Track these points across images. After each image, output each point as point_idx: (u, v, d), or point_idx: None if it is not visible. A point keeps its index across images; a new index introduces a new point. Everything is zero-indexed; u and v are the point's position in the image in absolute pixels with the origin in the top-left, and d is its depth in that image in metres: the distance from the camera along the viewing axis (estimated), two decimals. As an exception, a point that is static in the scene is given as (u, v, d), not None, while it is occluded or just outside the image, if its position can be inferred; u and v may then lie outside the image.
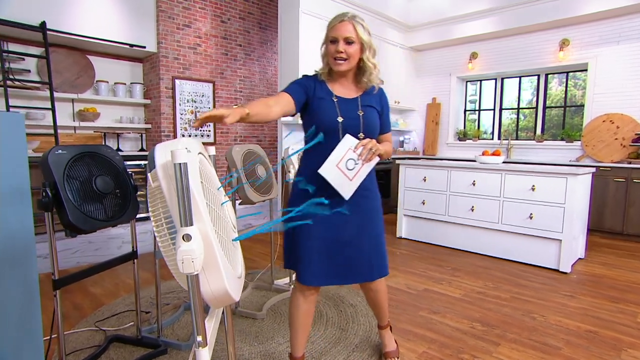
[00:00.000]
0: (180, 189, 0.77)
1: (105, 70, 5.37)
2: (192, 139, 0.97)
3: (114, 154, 2.02)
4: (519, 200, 3.53)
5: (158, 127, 5.54)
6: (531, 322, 2.42)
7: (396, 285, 3.04)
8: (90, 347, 2.12)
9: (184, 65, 5.66)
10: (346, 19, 1.53)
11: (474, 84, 6.57)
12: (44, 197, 1.63)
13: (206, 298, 0.87)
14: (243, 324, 2.39)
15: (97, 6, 4.88)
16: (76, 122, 5.08)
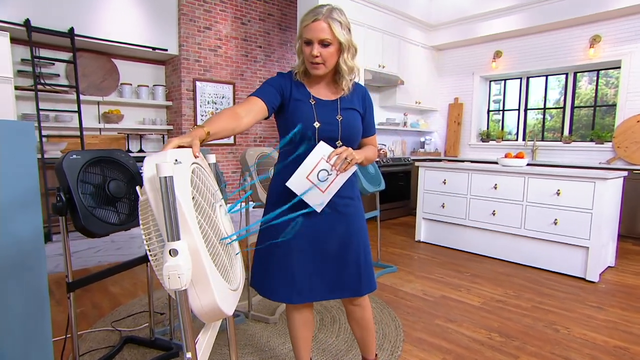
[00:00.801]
0: (166, 203, 0.75)
1: (129, 73, 5.49)
2: (184, 149, 0.95)
3: (128, 159, 2.03)
4: (543, 205, 3.39)
5: (179, 128, 5.62)
6: (554, 335, 2.31)
7: (412, 291, 2.97)
8: (105, 347, 2.15)
9: (205, 67, 5.72)
10: (321, 17, 1.32)
11: (498, 84, 6.38)
12: (58, 202, 1.65)
13: (197, 313, 0.85)
14: (256, 328, 2.38)
15: (121, 11, 4.98)
16: (101, 124, 5.21)
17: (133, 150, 5.44)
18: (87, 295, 2.85)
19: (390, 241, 4.50)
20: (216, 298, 0.84)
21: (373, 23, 5.41)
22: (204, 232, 0.88)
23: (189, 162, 0.94)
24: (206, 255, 0.84)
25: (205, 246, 0.86)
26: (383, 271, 3.38)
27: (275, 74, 1.55)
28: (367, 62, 5.37)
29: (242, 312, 2.50)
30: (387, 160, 5.59)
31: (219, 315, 0.87)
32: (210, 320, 0.89)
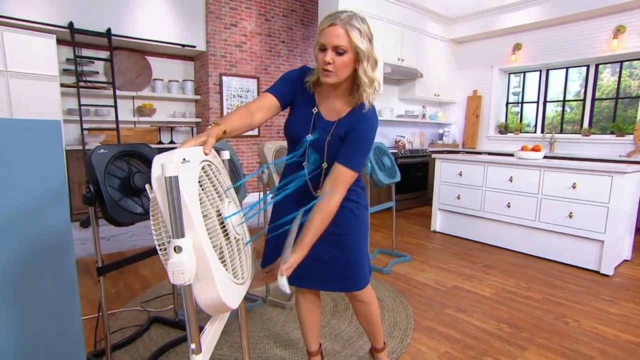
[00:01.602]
0: (170, 202, 0.75)
1: (161, 69, 5.58)
2: (194, 148, 0.95)
3: (151, 152, 2.06)
4: (558, 198, 3.26)
5: (207, 121, 5.68)
6: (563, 328, 2.23)
7: (425, 281, 2.93)
8: (135, 325, 2.23)
9: (231, 62, 5.74)
10: (338, 22, 1.18)
11: (518, 76, 6.13)
12: (87, 193, 1.70)
13: (202, 306, 0.86)
14: (272, 313, 2.40)
15: (153, 11, 5.05)
16: (136, 117, 5.33)
17: (164, 141, 5.55)
18: (122, 276, 2.95)
19: (407, 230, 4.45)
20: (220, 293, 0.84)
21: (392, 17, 5.28)
22: (210, 229, 0.88)
23: (199, 160, 0.94)
24: (211, 252, 0.85)
25: (211, 242, 0.87)
26: (397, 260, 3.35)
27: (297, 67, 1.46)
28: (386, 55, 5.26)
29: (259, 297, 2.53)
30: (404, 151, 5.50)
31: (223, 309, 0.88)
32: (215, 313, 0.90)
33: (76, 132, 4.77)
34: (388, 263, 3.25)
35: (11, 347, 1.14)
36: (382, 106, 5.83)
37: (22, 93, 4.11)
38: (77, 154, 4.52)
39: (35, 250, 1.22)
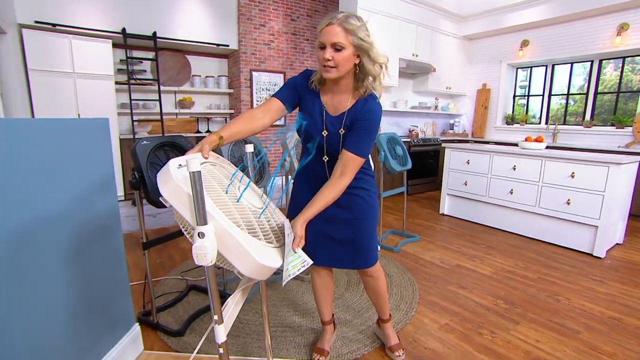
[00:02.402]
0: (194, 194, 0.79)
1: (199, 66, 5.64)
2: (193, 154, 1.00)
3: (187, 142, 2.12)
4: (557, 186, 3.16)
5: (239, 112, 5.74)
6: (554, 304, 2.20)
7: (431, 259, 2.92)
8: (175, 292, 2.34)
9: (260, 59, 5.73)
10: (335, 21, 1.17)
11: (525, 70, 5.86)
12: (133, 179, 1.78)
13: (247, 274, 0.86)
14: (292, 285, 2.46)
15: (192, 15, 5.08)
16: (177, 109, 5.45)
17: (202, 130, 5.65)
18: (165, 249, 3.09)
19: (417, 213, 4.42)
20: (257, 259, 0.85)
21: (407, 16, 5.12)
22: (228, 212, 0.91)
23: (198, 163, 0.97)
24: (235, 230, 0.85)
25: (233, 222, 0.89)
26: (407, 240, 3.35)
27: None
28: (401, 51, 5.13)
29: (281, 271, 2.60)
30: (417, 140, 5.41)
31: (269, 270, 0.89)
32: (264, 277, 0.91)
33: (128, 123, 4.93)
34: (398, 243, 3.25)
35: (76, 307, 1.24)
36: (397, 98, 5.72)
37: (85, 91, 4.28)
38: (129, 143, 4.69)
39: (90, 229, 1.30)
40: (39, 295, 1.07)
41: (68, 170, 1.20)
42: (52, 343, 1.12)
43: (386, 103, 5.61)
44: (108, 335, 1.40)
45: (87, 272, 1.30)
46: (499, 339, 1.86)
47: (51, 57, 4.04)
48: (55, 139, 1.15)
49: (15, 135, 1.00)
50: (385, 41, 4.90)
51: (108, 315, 1.41)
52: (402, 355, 1.69)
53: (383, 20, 4.84)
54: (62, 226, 1.17)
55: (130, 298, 1.59)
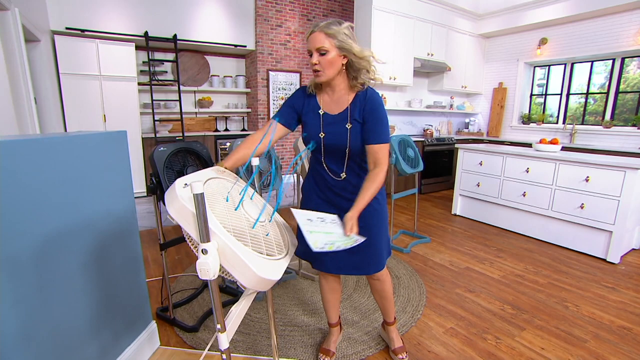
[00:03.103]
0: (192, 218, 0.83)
1: (217, 66, 5.73)
2: (197, 173, 1.04)
3: (202, 148, 2.17)
4: (571, 189, 3.07)
5: (256, 111, 5.81)
6: (562, 311, 2.16)
7: (440, 261, 2.91)
8: (191, 288, 2.42)
9: (276, 59, 5.77)
10: (316, 29, 1.26)
11: (543, 68, 5.67)
12: (151, 184, 1.85)
13: (248, 287, 0.90)
14: (303, 284, 2.51)
15: (211, 17, 5.16)
16: (196, 108, 5.56)
17: (220, 129, 5.76)
18: (183, 246, 3.17)
19: (429, 213, 4.39)
20: (256, 272, 0.88)
21: (423, 15, 5.03)
22: (231, 227, 0.95)
23: (203, 180, 1.01)
24: (236, 246, 0.90)
25: (235, 238, 0.93)
26: (417, 241, 3.33)
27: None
28: (416, 51, 5.06)
29: (293, 270, 2.65)
30: (432, 140, 5.34)
31: (268, 283, 0.92)
32: (265, 288, 0.94)
33: (149, 122, 5.08)
34: (409, 244, 3.25)
35: (97, 307, 1.31)
36: (412, 97, 5.66)
37: (110, 92, 4.43)
38: (150, 141, 4.83)
39: (110, 235, 1.37)
40: (65, 296, 1.14)
41: (91, 180, 1.27)
42: (76, 340, 1.20)
43: (401, 102, 5.56)
44: (127, 333, 1.48)
45: (107, 275, 1.37)
46: (503, 345, 1.85)
47: (80, 61, 4.19)
48: (81, 153, 1.22)
49: (48, 152, 1.07)
50: (400, 40, 4.84)
51: (127, 314, 1.48)
52: (406, 358, 1.71)
53: (398, 20, 4.78)
54: (85, 233, 1.24)
55: (148, 298, 1.66)
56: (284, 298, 2.32)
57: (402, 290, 2.42)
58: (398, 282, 2.52)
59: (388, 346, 1.81)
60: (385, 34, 4.70)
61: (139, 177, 4.70)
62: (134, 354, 1.49)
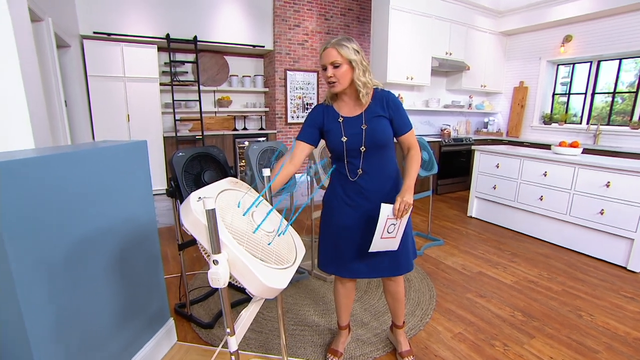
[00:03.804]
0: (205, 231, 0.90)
1: (236, 66, 5.82)
2: (209, 187, 1.10)
3: (219, 153, 2.25)
4: (591, 195, 3.00)
5: (274, 110, 5.89)
6: (575, 320, 2.13)
7: (453, 265, 2.91)
8: (208, 286, 2.52)
9: (294, 59, 5.81)
10: (329, 46, 1.41)
11: (567, 66, 5.48)
12: (170, 188, 1.95)
13: (258, 295, 0.98)
14: (316, 284, 2.58)
15: (230, 18, 5.25)
16: (216, 107, 5.68)
17: (238, 128, 5.87)
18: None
19: (444, 214, 4.36)
20: (264, 282, 0.95)
21: (441, 13, 4.96)
22: (240, 238, 1.01)
23: (215, 194, 1.07)
24: (246, 257, 0.96)
25: (244, 249, 0.99)
26: (431, 244, 3.34)
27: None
28: (434, 50, 5.00)
29: (306, 270, 2.72)
30: (449, 140, 5.28)
31: (274, 292, 0.98)
32: (272, 296, 1.00)
33: (170, 121, 5.23)
34: (422, 246, 3.26)
35: (119, 306, 1.41)
36: (429, 97, 5.60)
37: (134, 92, 4.60)
38: (171, 140, 4.99)
39: (131, 237, 1.47)
40: (91, 295, 1.24)
41: (115, 188, 1.36)
42: (101, 336, 1.30)
43: (418, 102, 5.52)
44: (146, 329, 1.57)
45: (129, 276, 1.47)
46: (511, 352, 1.85)
47: (106, 63, 4.37)
48: (107, 162, 1.31)
49: (79, 163, 1.16)
50: (417, 39, 4.79)
51: (146, 312, 1.58)
52: (412, 361, 1.75)
53: (416, 19, 4.73)
54: (109, 237, 1.34)
55: (166, 297, 1.76)
56: (296, 297, 2.39)
57: (413, 293, 2.45)
58: (409, 285, 2.54)
59: (395, 349, 1.85)
60: (403, 34, 4.67)
61: (161, 175, 4.87)
62: (153, 349, 1.59)
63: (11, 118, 1.55)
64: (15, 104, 1.57)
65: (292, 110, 5.97)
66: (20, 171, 0.99)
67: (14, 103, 1.57)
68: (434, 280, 2.63)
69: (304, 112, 6.11)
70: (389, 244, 1.45)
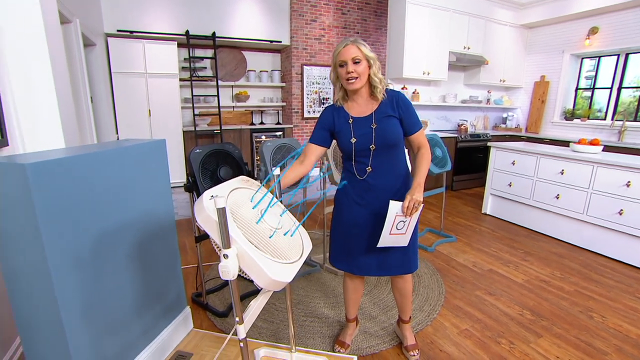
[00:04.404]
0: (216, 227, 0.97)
1: (253, 61, 5.90)
2: (221, 185, 1.17)
3: (234, 149, 2.32)
4: (609, 194, 2.93)
5: (290, 105, 5.95)
6: (586, 321, 2.12)
7: (464, 262, 2.92)
8: (225, 277, 2.64)
9: (311, 54, 5.83)
10: (349, 42, 1.46)
11: (593, 59, 5.29)
12: (187, 183, 2.04)
13: (265, 287, 1.05)
14: (327, 278, 2.65)
15: (247, 14, 5.32)
16: (234, 102, 5.79)
17: (256, 122, 5.96)
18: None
19: (459, 211, 4.34)
20: (270, 275, 1.02)
21: (459, 7, 4.87)
22: (250, 235, 1.08)
23: (227, 192, 1.14)
24: (254, 252, 1.04)
25: (252, 244, 1.06)
26: (443, 240, 3.35)
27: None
28: (452, 45, 4.94)
29: (318, 263, 2.79)
30: (465, 136, 5.21)
31: (279, 284, 1.05)
32: (277, 288, 1.08)
33: (190, 116, 5.38)
34: (434, 242, 3.27)
35: (140, 294, 1.52)
36: (446, 92, 5.53)
37: (155, 88, 4.76)
38: (190, 134, 5.14)
39: (151, 231, 1.57)
40: (115, 284, 1.35)
41: (136, 184, 1.46)
42: (124, 320, 1.41)
43: (434, 97, 5.46)
44: (165, 315, 1.68)
45: (149, 267, 1.57)
46: (516, 350, 1.87)
47: (128, 60, 4.53)
48: (130, 161, 1.41)
49: (104, 162, 1.26)
50: (434, 34, 4.74)
51: (165, 300, 1.69)
52: (417, 355, 1.80)
53: (433, 13, 4.68)
54: (131, 230, 1.44)
55: (183, 287, 1.87)
56: (308, 290, 2.47)
57: (422, 289, 2.48)
58: (418, 281, 2.58)
59: (401, 342, 1.90)
60: (420, 28, 4.63)
61: (180, 168, 5.03)
62: (171, 335, 1.70)
63: (44, 119, 1.68)
64: (47, 106, 1.69)
65: (308, 105, 6.02)
66: (54, 171, 1.09)
67: (46, 104, 1.69)
68: (444, 277, 2.65)
69: (320, 107, 6.15)
70: (398, 240, 1.50)
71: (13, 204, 1.05)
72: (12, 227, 1.08)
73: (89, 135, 3.20)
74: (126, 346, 1.43)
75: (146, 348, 1.55)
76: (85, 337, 1.23)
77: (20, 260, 1.11)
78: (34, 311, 1.15)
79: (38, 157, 1.11)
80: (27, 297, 1.14)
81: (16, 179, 1.02)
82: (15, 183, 1.03)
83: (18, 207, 1.05)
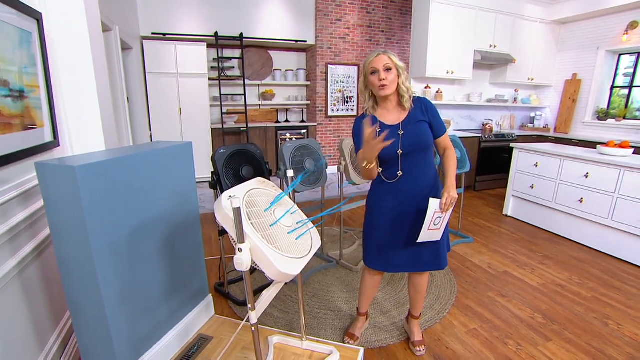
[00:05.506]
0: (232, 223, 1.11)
1: (279, 60, 6.06)
2: (239, 187, 1.29)
3: (256, 149, 2.46)
4: (637, 200, 2.85)
5: (315, 103, 6.06)
6: (600, 328, 2.10)
7: (479, 263, 2.93)
8: (246, 268, 2.80)
9: (335, 53, 5.91)
10: (381, 52, 1.56)
11: (632, 55, 5.03)
12: (212, 181, 2.21)
13: (274, 279, 1.19)
14: (342, 273, 2.75)
15: (274, 15, 5.47)
16: (260, 101, 5.98)
17: (281, 120, 6.12)
18: (242, 229, 3.60)
19: (479, 211, 4.31)
20: (279, 268, 1.14)
21: (485, 4, 4.78)
22: (262, 231, 1.21)
23: (244, 193, 1.27)
24: (265, 247, 1.16)
25: (263, 239, 1.19)
26: (460, 240, 3.36)
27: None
28: (477, 43, 4.86)
29: (334, 259, 2.90)
30: (489, 135, 5.13)
31: (287, 277, 1.18)
32: (286, 280, 1.21)
33: (218, 114, 5.61)
34: (450, 242, 3.29)
35: (167, 281, 1.69)
36: (471, 91, 5.45)
37: (185, 87, 5.02)
38: (218, 131, 5.37)
39: (177, 226, 1.73)
40: (146, 272, 1.52)
41: (165, 183, 1.62)
42: (153, 304, 1.59)
43: (458, 96, 5.40)
44: (189, 301, 1.85)
45: (176, 258, 1.74)
46: (523, 352, 1.90)
47: (161, 61, 4.80)
48: (160, 162, 1.57)
49: (138, 164, 1.43)
50: (459, 32, 4.68)
51: (189, 287, 1.86)
52: (423, 351, 1.88)
53: (458, 12, 4.62)
54: (160, 225, 1.61)
55: (206, 276, 2.03)
56: (324, 284, 2.58)
57: (434, 288, 2.54)
58: (431, 280, 2.62)
59: (409, 338, 1.98)
60: (444, 27, 4.59)
61: (208, 164, 5.26)
62: (194, 319, 1.87)
63: (88, 122, 1.88)
64: (90, 110, 1.89)
65: (332, 104, 6.11)
66: (98, 172, 1.26)
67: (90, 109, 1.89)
68: (458, 277, 2.69)
69: (344, 106, 6.22)
70: (434, 234, 1.61)
71: (64, 201, 1.23)
72: (64, 221, 1.26)
73: (126, 135, 3.45)
74: (155, 327, 1.61)
75: (172, 329, 1.72)
76: (122, 316, 1.41)
77: (70, 249, 1.29)
78: (81, 292, 1.34)
79: (85, 159, 1.29)
80: (75, 280, 1.33)
81: (67, 179, 1.20)
82: (66, 183, 1.20)
83: (68, 204, 1.22)
